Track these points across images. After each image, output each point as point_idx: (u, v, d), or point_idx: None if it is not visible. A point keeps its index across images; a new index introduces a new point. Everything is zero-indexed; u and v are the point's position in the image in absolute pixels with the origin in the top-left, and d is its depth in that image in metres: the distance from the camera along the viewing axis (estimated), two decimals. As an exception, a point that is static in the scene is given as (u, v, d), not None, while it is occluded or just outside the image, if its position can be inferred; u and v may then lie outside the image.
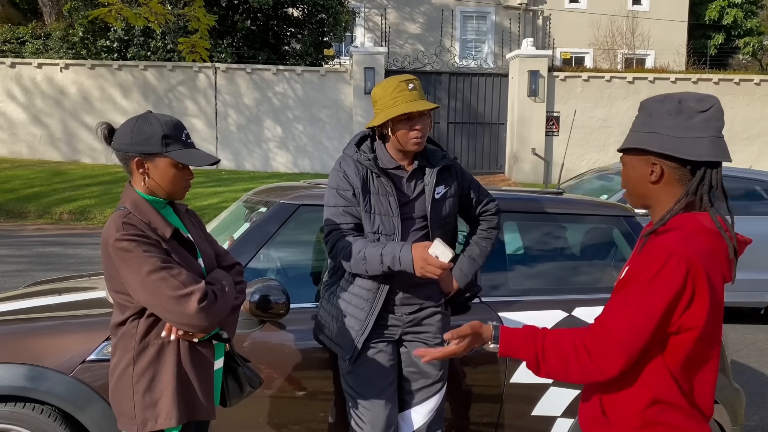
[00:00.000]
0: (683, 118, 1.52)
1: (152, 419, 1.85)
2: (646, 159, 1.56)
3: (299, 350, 2.55)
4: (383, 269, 2.23)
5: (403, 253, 2.19)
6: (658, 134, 1.53)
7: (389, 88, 2.29)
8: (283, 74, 14.85)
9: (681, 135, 1.51)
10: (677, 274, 1.43)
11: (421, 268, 2.14)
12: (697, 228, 1.50)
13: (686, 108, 1.52)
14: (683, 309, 1.46)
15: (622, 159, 1.63)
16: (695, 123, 1.51)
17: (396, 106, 2.26)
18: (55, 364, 2.39)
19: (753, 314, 6.68)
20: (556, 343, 1.54)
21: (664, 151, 1.51)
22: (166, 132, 1.86)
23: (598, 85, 14.96)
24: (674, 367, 1.51)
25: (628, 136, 1.61)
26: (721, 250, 1.52)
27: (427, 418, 2.41)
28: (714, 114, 1.53)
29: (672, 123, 1.52)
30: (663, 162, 1.54)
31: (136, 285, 1.77)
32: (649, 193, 1.59)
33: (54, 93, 14.60)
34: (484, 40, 19.69)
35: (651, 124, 1.54)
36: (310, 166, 15.03)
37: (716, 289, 1.49)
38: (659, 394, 1.52)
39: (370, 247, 2.24)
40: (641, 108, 1.61)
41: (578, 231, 3.13)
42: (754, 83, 15.02)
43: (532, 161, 14.68)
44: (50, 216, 11.29)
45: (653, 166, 1.55)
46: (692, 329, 1.48)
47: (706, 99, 1.54)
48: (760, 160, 15.06)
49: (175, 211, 2.02)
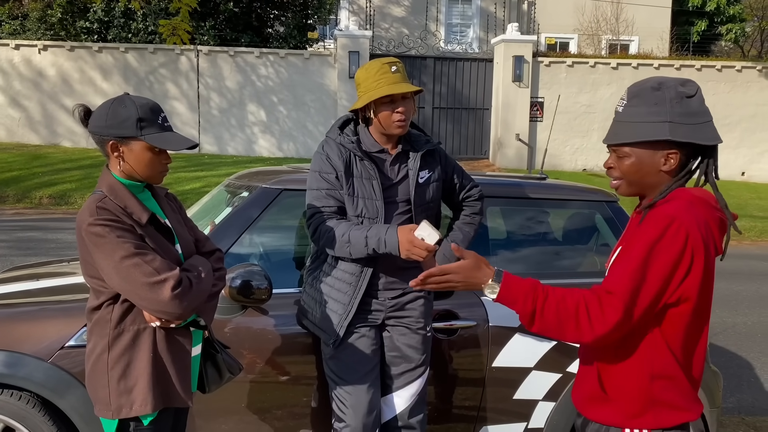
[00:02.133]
0: (685, 104, 1.52)
1: (127, 406, 1.83)
2: (658, 149, 1.52)
3: (282, 335, 2.54)
4: (368, 252, 2.22)
5: (388, 235, 2.17)
6: (674, 123, 1.50)
7: (372, 71, 2.27)
8: (266, 57, 14.69)
9: (692, 122, 1.51)
10: (678, 238, 1.45)
11: (407, 250, 2.13)
12: (693, 199, 1.53)
13: (682, 93, 1.53)
14: (682, 277, 1.47)
15: (621, 150, 1.56)
16: (696, 108, 1.53)
17: (379, 88, 2.24)
18: (33, 350, 2.36)
19: (732, 298, 6.78)
20: (558, 306, 1.49)
21: (686, 139, 1.50)
22: (142, 115, 1.82)
23: (583, 71, 14.98)
24: (672, 341, 1.53)
25: (628, 127, 1.54)
26: (713, 222, 1.54)
27: (410, 402, 2.42)
28: (701, 97, 1.55)
29: (680, 110, 1.51)
30: (681, 151, 1.53)
31: (110, 271, 1.74)
32: (657, 181, 1.57)
33: (32, 75, 14.33)
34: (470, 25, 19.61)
35: (660, 113, 1.51)
36: (295, 150, 14.93)
37: (710, 259, 1.51)
38: (657, 368, 1.54)
39: (354, 230, 2.23)
40: (636, 96, 1.55)
41: (561, 216, 3.14)
42: (735, 70, 15.13)
43: (516, 147, 14.71)
44: (30, 200, 11.13)
45: (669, 156, 1.53)
46: (689, 299, 1.50)
47: (689, 83, 1.55)
48: (741, 146, 15.24)
49: (154, 195, 1.99)
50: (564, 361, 2.76)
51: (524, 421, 2.77)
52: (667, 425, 1.55)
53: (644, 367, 1.55)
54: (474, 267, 1.57)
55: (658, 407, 1.55)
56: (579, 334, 1.48)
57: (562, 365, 2.76)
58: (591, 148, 15.07)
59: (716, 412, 2.97)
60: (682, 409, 1.56)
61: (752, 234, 11.21)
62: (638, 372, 1.56)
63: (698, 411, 1.59)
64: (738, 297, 6.91)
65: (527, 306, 1.51)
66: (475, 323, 2.67)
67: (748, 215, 11.93)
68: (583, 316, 1.47)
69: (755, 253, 9.80)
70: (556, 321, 1.49)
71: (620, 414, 1.58)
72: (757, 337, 5.60)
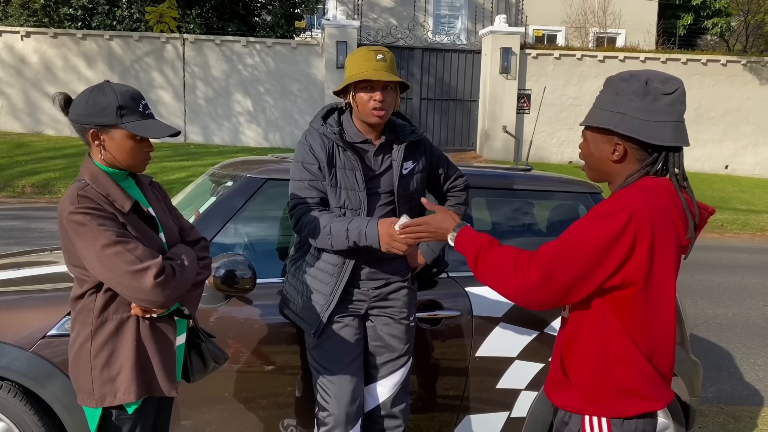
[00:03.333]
0: (649, 100, 1.52)
1: (111, 394, 1.82)
2: (609, 138, 1.57)
3: (266, 325, 2.54)
4: (349, 244, 2.22)
5: (369, 228, 2.17)
6: (624, 115, 1.53)
7: (357, 55, 2.29)
8: (253, 46, 14.58)
9: (646, 118, 1.52)
10: (617, 221, 1.46)
11: (387, 243, 2.14)
12: (654, 185, 1.53)
13: (652, 89, 1.53)
14: (620, 260, 1.47)
15: (584, 133, 1.65)
16: (660, 106, 1.52)
17: (359, 73, 2.24)
18: (14, 339, 2.34)
19: (713, 290, 6.87)
20: (496, 252, 1.64)
21: (629, 133, 1.53)
22: (122, 102, 1.81)
23: (570, 63, 15.03)
24: (629, 326, 1.53)
25: (593, 112, 1.61)
26: (675, 210, 1.54)
27: (392, 391, 2.43)
28: (678, 97, 1.54)
29: (638, 105, 1.52)
30: (627, 143, 1.55)
31: (92, 259, 1.73)
32: (609, 170, 1.61)
33: (14, 62, 14.12)
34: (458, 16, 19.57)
35: (617, 104, 1.54)
36: (281, 140, 14.86)
37: (665, 245, 1.50)
38: (614, 353, 1.54)
39: (335, 222, 2.23)
40: (607, 84, 1.60)
41: (545, 207, 3.15)
42: (720, 64, 15.24)
43: (503, 139, 14.75)
44: (12, 189, 11.00)
45: (616, 146, 1.57)
46: (633, 284, 1.49)
47: (672, 81, 1.55)
48: (725, 140, 15.38)
49: (138, 183, 1.97)
50: (547, 351, 2.78)
51: (507, 411, 2.80)
52: (629, 413, 1.54)
53: (601, 350, 1.55)
54: (442, 219, 1.84)
55: (620, 394, 1.54)
56: (505, 284, 1.58)
57: (544, 355, 2.78)
58: (577, 141, 15.14)
59: (696, 402, 3.01)
60: (646, 398, 1.54)
61: (734, 227, 11.34)
62: (596, 355, 1.55)
63: (665, 400, 1.57)
64: (719, 289, 7.00)
65: (472, 251, 1.68)
66: (458, 313, 2.69)
67: (730, 208, 12.07)
68: (511, 268, 1.57)
69: (737, 246, 9.93)
70: (493, 268, 1.62)
71: (581, 399, 1.58)
72: (737, 328, 5.68)
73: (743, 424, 3.84)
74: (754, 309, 6.30)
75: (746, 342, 5.33)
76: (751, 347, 5.22)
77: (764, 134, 15.44)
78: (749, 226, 11.39)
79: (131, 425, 1.88)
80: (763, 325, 5.82)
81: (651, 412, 1.57)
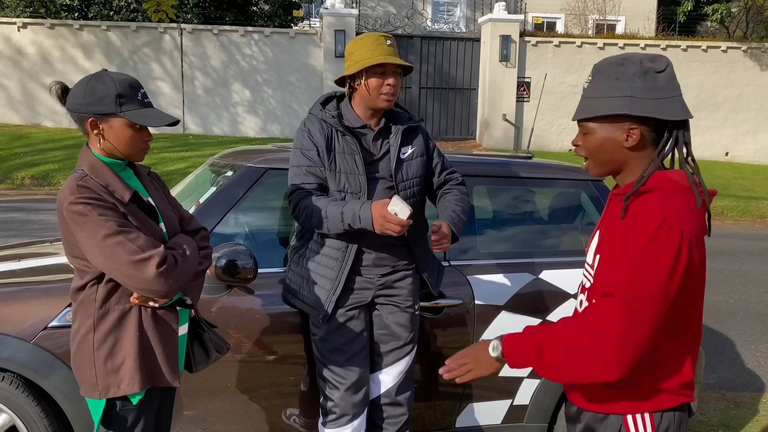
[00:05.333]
0: (650, 79, 1.49)
1: (115, 385, 1.82)
2: (619, 125, 1.51)
3: (268, 315, 2.53)
4: (344, 227, 2.21)
5: (362, 210, 2.17)
6: (634, 98, 1.48)
7: (368, 40, 2.28)
8: (251, 36, 14.50)
9: (655, 96, 1.48)
10: (672, 238, 1.40)
11: (380, 225, 2.13)
12: (675, 187, 1.49)
13: (648, 68, 1.50)
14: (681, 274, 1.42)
15: (585, 126, 1.56)
16: (662, 83, 1.50)
17: (373, 57, 2.24)
18: (16, 330, 2.34)
19: (714, 277, 6.88)
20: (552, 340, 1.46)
21: (646, 114, 1.47)
22: (121, 91, 1.79)
23: (569, 51, 14.95)
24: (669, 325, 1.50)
25: (590, 103, 1.54)
26: (694, 204, 1.51)
27: (397, 379, 2.43)
28: (671, 72, 1.52)
29: (643, 85, 1.49)
30: (642, 126, 1.50)
31: (93, 250, 1.72)
32: (623, 158, 1.54)
33: (11, 53, 14.04)
34: (457, 4, 19.45)
35: (621, 88, 1.49)
36: (280, 130, 14.81)
37: (702, 247, 1.49)
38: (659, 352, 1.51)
39: (331, 206, 2.23)
40: (599, 72, 1.54)
41: (547, 195, 3.14)
42: (721, 50, 15.17)
43: (503, 127, 14.70)
44: (11, 181, 10.97)
45: (630, 132, 1.51)
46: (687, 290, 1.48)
47: (660, 58, 1.53)
48: (725, 127, 15.34)
49: (136, 173, 1.96)
50: (549, 338, 2.78)
51: (509, 399, 2.80)
52: (668, 406, 1.53)
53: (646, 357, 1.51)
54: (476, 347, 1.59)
55: (660, 390, 1.53)
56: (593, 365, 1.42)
57: (547, 343, 2.78)
58: (577, 128, 15.07)
59: (698, 389, 3.02)
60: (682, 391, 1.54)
61: (735, 214, 11.34)
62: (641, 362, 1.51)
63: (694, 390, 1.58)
64: (720, 276, 7.00)
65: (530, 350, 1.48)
66: (460, 302, 2.69)
67: (731, 195, 12.06)
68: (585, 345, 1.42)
69: (737, 233, 9.93)
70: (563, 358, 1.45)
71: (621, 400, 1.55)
72: (738, 315, 5.69)
73: (744, 410, 3.84)
74: (755, 296, 6.31)
75: (747, 328, 5.34)
76: (752, 334, 5.22)
77: (764, 121, 15.40)
78: (750, 213, 11.39)
79: (135, 415, 1.88)
80: (763, 311, 5.83)
81: (685, 403, 1.57)
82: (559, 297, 2.80)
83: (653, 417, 1.54)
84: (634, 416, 1.55)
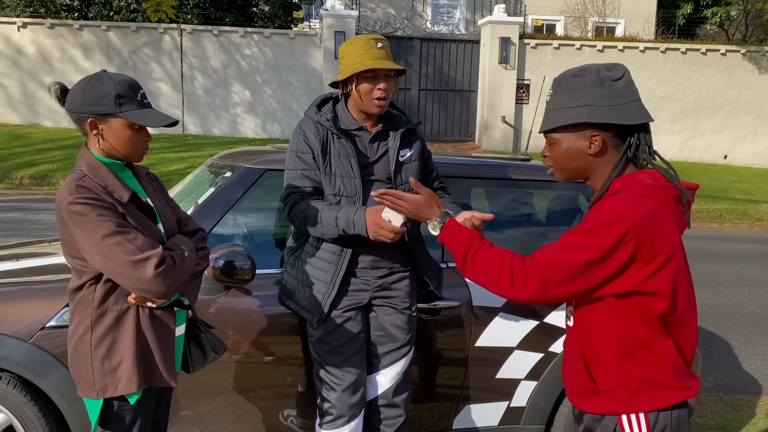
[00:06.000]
0: (607, 87, 1.55)
1: (112, 385, 1.82)
2: (581, 133, 1.57)
3: (266, 316, 2.54)
4: (338, 232, 2.22)
5: (356, 216, 2.17)
6: (592, 106, 1.54)
7: (357, 45, 2.27)
8: (251, 37, 14.51)
9: (612, 103, 1.54)
10: (613, 233, 1.46)
11: (374, 231, 2.13)
12: (640, 187, 1.53)
13: (605, 77, 1.56)
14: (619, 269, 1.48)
15: (549, 137, 1.63)
16: (618, 90, 1.55)
17: (363, 62, 2.23)
18: (13, 330, 2.34)
19: (712, 280, 6.88)
20: (487, 254, 1.62)
21: (604, 120, 1.54)
22: (120, 91, 1.79)
23: (569, 53, 14.97)
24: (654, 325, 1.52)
25: (552, 115, 1.61)
26: (668, 202, 1.55)
27: (394, 381, 2.43)
28: (628, 79, 1.58)
29: (600, 93, 1.55)
30: (602, 133, 1.56)
31: (91, 250, 1.72)
32: (587, 164, 1.61)
33: (11, 53, 14.05)
34: (457, 5, 19.47)
35: (579, 98, 1.56)
36: (280, 131, 14.82)
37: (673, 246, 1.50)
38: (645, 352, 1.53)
39: (325, 211, 2.23)
40: (558, 84, 1.61)
41: (545, 197, 3.15)
42: (720, 53, 15.20)
43: (502, 129, 14.71)
44: (10, 181, 10.97)
45: (592, 139, 1.57)
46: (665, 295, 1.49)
47: (616, 67, 1.58)
48: (724, 130, 15.36)
49: (135, 174, 1.96)
50: (546, 340, 2.79)
51: (506, 400, 2.80)
52: (664, 405, 1.54)
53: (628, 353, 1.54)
54: (426, 204, 1.82)
55: (654, 389, 1.54)
56: (499, 289, 1.59)
57: (544, 345, 2.79)
58: (576, 131, 15.10)
59: (694, 391, 3.02)
60: (678, 388, 1.55)
61: (733, 216, 11.35)
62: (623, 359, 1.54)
63: (695, 387, 1.57)
64: (718, 278, 7.01)
65: (461, 249, 1.66)
66: (458, 303, 2.69)
67: (729, 198, 12.07)
68: (507, 275, 1.57)
69: (735, 236, 9.94)
70: (483, 270, 1.61)
71: (615, 402, 1.57)
72: (736, 317, 5.70)
73: (742, 412, 3.85)
74: (753, 298, 6.32)
75: (745, 331, 5.35)
76: (749, 336, 5.23)
77: (763, 124, 15.42)
78: (748, 216, 11.40)
79: (132, 415, 1.88)
80: (761, 314, 5.83)
81: (684, 401, 1.57)
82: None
83: (648, 417, 1.55)
84: (629, 416, 1.56)
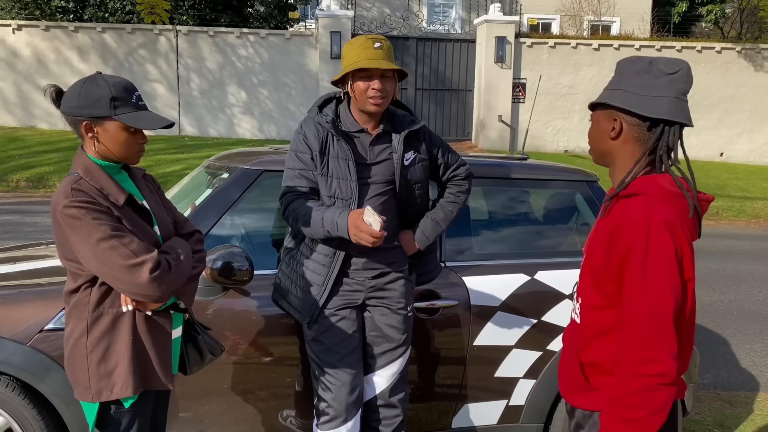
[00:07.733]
0: (649, 77, 1.55)
1: (108, 389, 1.82)
2: (608, 114, 1.60)
3: (263, 317, 2.53)
4: (324, 233, 2.22)
5: (340, 219, 2.17)
6: (623, 91, 1.57)
7: (355, 44, 2.27)
8: (246, 37, 14.49)
9: (643, 93, 1.54)
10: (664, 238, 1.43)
11: (354, 235, 2.13)
12: (659, 191, 1.51)
13: (655, 69, 1.56)
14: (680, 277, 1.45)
15: (592, 116, 1.68)
16: (659, 83, 1.54)
17: (357, 62, 2.23)
18: (11, 333, 2.33)
19: (709, 277, 6.90)
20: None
21: (623, 106, 1.55)
22: (115, 94, 1.79)
23: (564, 52, 14.99)
24: None
25: (601, 95, 1.65)
26: (684, 210, 1.53)
27: (391, 381, 2.43)
28: (680, 76, 1.54)
29: (637, 81, 1.56)
30: (623, 118, 1.57)
31: (87, 253, 1.72)
32: (608, 149, 1.63)
33: (6, 55, 14.01)
34: (452, 5, 19.48)
35: (619, 82, 1.59)
36: (276, 132, 14.81)
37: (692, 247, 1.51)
38: None
39: (315, 211, 2.23)
40: (616, 68, 1.65)
41: (542, 196, 3.15)
42: (715, 51, 15.23)
43: (498, 128, 14.72)
44: (6, 183, 10.94)
45: (614, 122, 1.59)
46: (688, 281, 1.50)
47: (676, 62, 1.56)
48: (720, 127, 15.39)
49: (131, 176, 1.96)
50: (544, 339, 2.79)
51: (505, 399, 2.81)
52: None
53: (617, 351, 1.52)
54: None
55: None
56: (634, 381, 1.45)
57: (542, 343, 2.79)
58: (572, 129, 15.13)
59: (693, 388, 3.03)
60: None
61: (729, 214, 11.37)
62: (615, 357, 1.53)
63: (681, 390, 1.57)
64: (715, 276, 7.03)
65: None
66: (456, 302, 2.69)
67: (726, 195, 12.10)
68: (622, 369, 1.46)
69: (732, 233, 9.96)
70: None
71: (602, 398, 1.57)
72: (733, 314, 5.71)
73: (739, 409, 3.86)
74: (750, 295, 6.33)
75: (742, 328, 5.36)
76: (746, 333, 5.24)
77: (759, 121, 15.46)
78: (744, 213, 11.42)
79: (129, 418, 1.88)
80: (758, 311, 5.85)
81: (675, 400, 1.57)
82: (554, 297, 2.81)
83: None
84: None
